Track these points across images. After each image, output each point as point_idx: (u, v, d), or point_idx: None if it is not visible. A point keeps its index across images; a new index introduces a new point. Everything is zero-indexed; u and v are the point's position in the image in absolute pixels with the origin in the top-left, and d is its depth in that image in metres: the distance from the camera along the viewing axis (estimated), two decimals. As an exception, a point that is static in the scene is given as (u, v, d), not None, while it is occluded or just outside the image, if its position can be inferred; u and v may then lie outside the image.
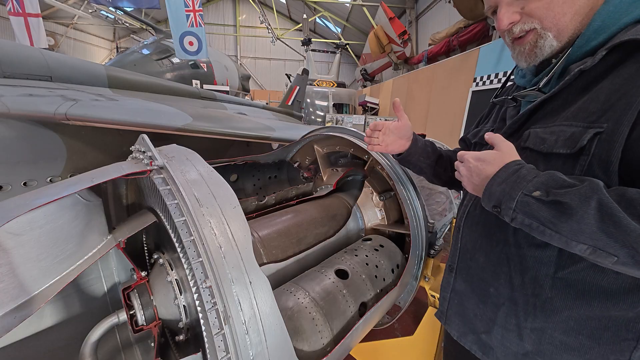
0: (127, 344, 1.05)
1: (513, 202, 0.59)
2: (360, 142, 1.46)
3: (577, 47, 0.64)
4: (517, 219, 0.60)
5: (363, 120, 9.07)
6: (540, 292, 0.68)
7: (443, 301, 0.94)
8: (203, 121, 2.28)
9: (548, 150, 0.63)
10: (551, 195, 0.55)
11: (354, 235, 1.59)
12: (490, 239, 0.76)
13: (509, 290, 0.73)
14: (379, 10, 10.23)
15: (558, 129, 0.62)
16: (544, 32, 0.65)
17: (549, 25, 0.64)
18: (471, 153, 0.71)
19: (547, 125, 0.66)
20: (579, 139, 0.58)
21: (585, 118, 0.59)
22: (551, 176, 0.57)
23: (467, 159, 0.70)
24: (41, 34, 5.51)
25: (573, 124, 0.60)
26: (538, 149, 0.65)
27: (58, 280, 0.68)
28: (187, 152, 0.86)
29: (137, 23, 10.93)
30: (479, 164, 0.67)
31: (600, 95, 0.58)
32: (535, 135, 0.67)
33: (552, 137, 0.63)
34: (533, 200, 0.57)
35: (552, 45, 0.65)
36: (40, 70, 2.34)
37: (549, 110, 0.68)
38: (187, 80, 7.05)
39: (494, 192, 0.63)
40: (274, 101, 10.83)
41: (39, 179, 1.97)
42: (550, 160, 0.63)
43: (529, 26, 0.66)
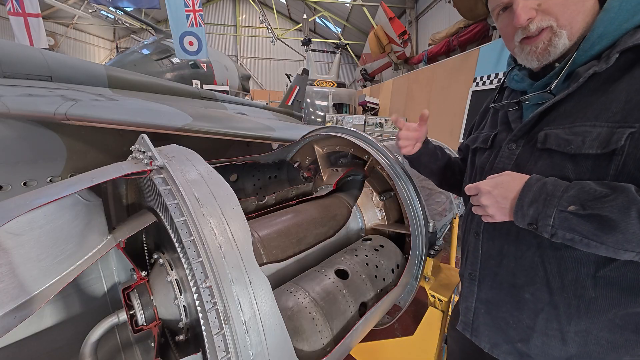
0: (127, 344, 1.05)
1: (550, 219, 0.59)
2: (360, 142, 1.46)
3: (582, 51, 0.65)
4: (557, 234, 0.59)
5: (363, 120, 9.07)
6: (583, 293, 0.66)
7: (467, 312, 0.89)
8: (203, 121, 2.27)
9: (576, 151, 0.62)
10: (588, 209, 0.55)
11: (354, 235, 1.59)
12: (519, 243, 0.74)
13: (547, 294, 0.70)
14: (379, 10, 10.22)
15: (581, 130, 0.62)
16: (560, 30, 0.65)
17: (565, 23, 0.65)
18: (484, 183, 0.70)
19: (565, 126, 0.66)
20: (609, 139, 0.58)
21: (609, 118, 0.59)
22: (581, 187, 0.58)
23: (484, 189, 0.69)
24: (41, 34, 5.51)
25: (597, 124, 0.61)
26: (564, 150, 0.64)
27: (58, 280, 0.68)
28: (187, 152, 0.86)
29: (137, 23, 10.93)
30: (500, 191, 0.67)
31: (620, 95, 0.59)
32: (557, 137, 0.66)
33: (577, 138, 0.62)
34: (571, 215, 0.57)
35: (565, 44, 0.66)
36: (40, 70, 2.33)
37: (562, 112, 0.68)
38: (187, 80, 7.05)
39: (526, 213, 0.62)
40: (274, 101, 10.82)
41: (39, 179, 1.97)
42: (580, 162, 0.63)
43: (546, 23, 0.66)
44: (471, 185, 0.73)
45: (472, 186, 0.72)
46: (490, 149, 0.86)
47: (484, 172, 0.84)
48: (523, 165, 0.73)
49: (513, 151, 0.77)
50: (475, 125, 1.04)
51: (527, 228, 0.64)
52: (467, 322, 0.90)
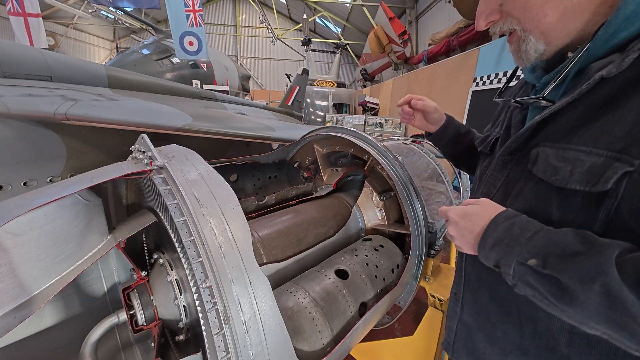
0: (127, 344, 1.05)
1: (510, 269, 0.51)
2: (360, 142, 1.46)
3: (600, 41, 0.49)
4: (518, 286, 0.51)
5: (363, 120, 9.07)
6: (555, 346, 0.56)
7: (449, 332, 0.85)
8: (203, 121, 2.28)
9: (562, 184, 0.50)
10: (548, 268, 0.45)
11: (354, 235, 1.59)
12: (495, 275, 0.63)
13: (518, 337, 0.63)
14: (379, 10, 10.22)
15: (573, 156, 0.50)
16: (525, 34, 0.56)
17: (529, 27, 0.54)
18: (453, 209, 0.63)
19: (560, 146, 0.53)
20: (601, 175, 0.45)
21: (609, 145, 0.46)
22: (550, 238, 0.47)
23: (452, 218, 0.62)
24: (41, 34, 5.51)
25: (593, 150, 0.47)
26: (549, 180, 0.53)
27: (58, 280, 0.68)
28: (187, 152, 0.86)
29: (137, 23, 10.93)
30: (466, 223, 0.59)
31: (628, 115, 0.45)
32: (545, 161, 0.54)
33: (566, 166, 0.50)
34: (530, 270, 0.47)
35: (539, 49, 0.55)
36: (40, 70, 2.34)
37: (562, 125, 0.55)
38: (187, 80, 7.05)
39: (488, 256, 0.55)
40: (274, 101, 10.82)
41: (39, 179, 1.97)
42: (565, 197, 0.51)
43: (508, 27, 0.57)
44: (442, 209, 0.66)
45: (442, 210, 0.66)
46: (490, 156, 0.76)
47: (480, 182, 0.77)
48: (512, 185, 0.63)
49: (506, 165, 0.66)
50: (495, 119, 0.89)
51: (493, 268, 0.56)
52: (449, 342, 0.86)
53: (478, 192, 0.76)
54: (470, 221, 0.59)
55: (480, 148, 0.83)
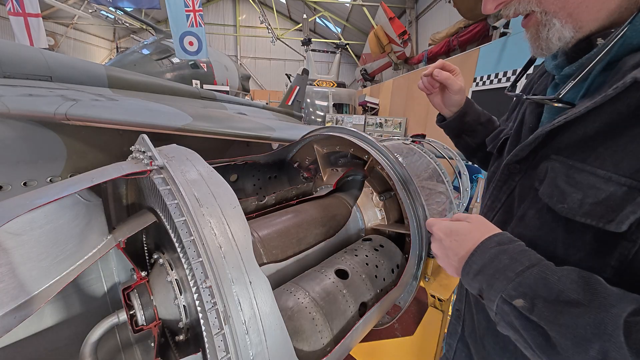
0: (127, 344, 1.05)
1: (493, 304, 0.43)
2: (360, 142, 1.46)
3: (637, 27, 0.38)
4: (500, 325, 0.44)
5: (363, 120, 9.07)
6: None
7: (449, 348, 0.79)
8: (203, 121, 2.28)
9: (569, 214, 0.41)
10: (535, 314, 0.37)
11: (354, 235, 1.59)
12: None
13: None
14: (379, 10, 10.23)
15: (587, 181, 0.40)
16: (546, 18, 0.44)
17: (552, 8, 0.43)
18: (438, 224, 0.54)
19: (573, 164, 0.42)
20: (619, 211, 0.35)
21: (636, 172, 0.35)
22: (545, 277, 0.38)
23: (437, 234, 0.53)
24: (41, 34, 5.51)
25: (613, 177, 0.37)
26: (555, 207, 0.43)
27: (58, 280, 0.68)
28: (187, 152, 0.86)
29: (137, 23, 10.93)
30: (451, 243, 0.50)
31: None
32: (553, 182, 0.44)
33: (576, 193, 0.40)
34: (516, 312, 0.39)
35: (565, 37, 0.44)
36: (40, 70, 2.34)
37: (580, 135, 0.43)
38: (187, 80, 7.05)
39: (471, 285, 0.47)
40: (274, 101, 10.83)
41: (39, 179, 1.98)
42: (574, 232, 0.41)
43: (524, 8, 0.46)
44: (428, 222, 0.58)
45: (428, 222, 0.57)
46: (499, 160, 0.66)
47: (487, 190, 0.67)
48: (517, 204, 0.54)
49: (513, 176, 0.56)
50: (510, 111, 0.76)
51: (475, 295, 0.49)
52: (448, 358, 0.82)
53: (484, 201, 0.68)
54: (457, 241, 0.50)
55: (489, 148, 0.73)
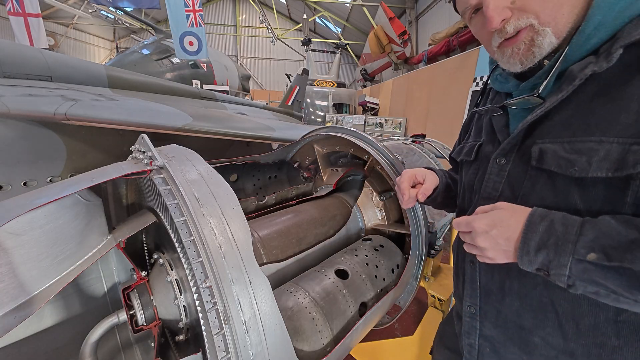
0: (127, 344, 1.05)
1: (565, 269, 0.48)
2: (360, 142, 1.46)
3: (576, 45, 0.55)
4: (576, 286, 0.49)
5: (363, 120, 9.07)
6: (605, 341, 0.55)
7: (470, 349, 0.79)
8: (203, 121, 2.28)
9: (582, 174, 0.51)
10: (614, 260, 0.44)
11: (354, 235, 1.59)
12: (523, 280, 0.63)
13: (560, 340, 0.60)
14: (379, 10, 10.23)
15: (585, 147, 0.51)
16: (542, 28, 0.55)
17: (547, 19, 0.54)
18: (478, 219, 0.58)
19: (565, 140, 0.55)
20: (623, 159, 0.47)
21: (620, 132, 0.49)
22: (600, 229, 0.47)
23: (480, 228, 0.57)
24: (41, 34, 5.51)
25: (604, 139, 0.50)
26: (567, 173, 0.53)
27: (58, 280, 0.68)
28: (187, 152, 0.86)
29: (137, 23, 10.94)
30: (499, 231, 0.55)
31: (630, 104, 0.49)
32: (555, 155, 0.55)
33: (580, 157, 0.51)
34: (591, 266, 0.46)
35: (552, 42, 0.56)
36: (40, 70, 2.34)
37: (557, 122, 0.58)
38: (187, 80, 7.05)
39: (534, 260, 0.52)
40: (274, 101, 10.82)
41: (39, 179, 1.98)
42: (587, 187, 0.52)
43: (524, 22, 0.56)
44: (461, 220, 0.61)
45: (462, 221, 0.60)
46: (477, 162, 0.76)
47: (473, 190, 0.76)
48: (517, 185, 0.63)
49: (503, 167, 0.67)
50: (461, 135, 0.94)
51: (536, 273, 0.54)
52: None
53: (474, 200, 0.74)
54: (503, 227, 0.55)
55: (460, 157, 0.82)
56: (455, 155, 0.88)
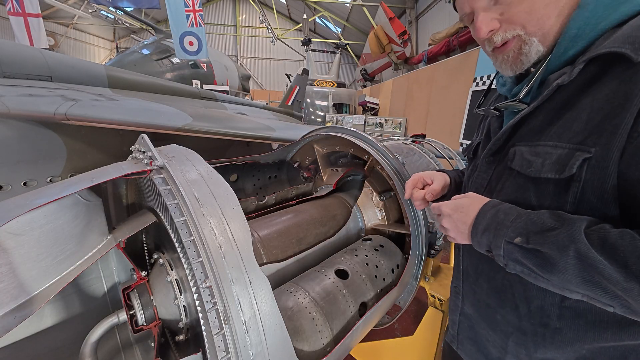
0: (127, 344, 1.05)
1: (500, 250, 0.58)
2: (360, 142, 1.46)
3: (555, 56, 0.59)
4: (509, 265, 0.58)
5: (363, 120, 9.07)
6: (548, 322, 0.63)
7: (453, 324, 0.91)
8: (203, 121, 2.28)
9: (536, 174, 0.59)
10: (531, 243, 0.53)
11: (354, 235, 1.59)
12: (490, 264, 0.72)
13: (516, 318, 0.69)
14: (379, 10, 10.23)
15: (543, 150, 0.58)
16: (529, 37, 0.59)
17: (533, 30, 0.58)
18: (445, 204, 0.70)
19: (532, 144, 0.62)
20: (567, 164, 0.54)
21: (570, 139, 0.55)
22: (530, 218, 0.55)
23: (445, 211, 0.69)
24: (41, 34, 5.51)
25: (557, 144, 0.56)
26: (525, 172, 0.61)
27: (58, 280, 0.68)
28: (187, 152, 0.86)
29: (137, 23, 10.94)
30: (459, 215, 0.66)
31: (582, 113, 0.54)
32: (521, 156, 0.62)
33: (537, 159, 0.58)
34: (516, 248, 0.55)
35: (539, 51, 0.60)
36: (40, 70, 2.34)
37: (532, 126, 0.63)
38: (187, 80, 7.05)
39: (481, 241, 0.62)
40: (274, 101, 10.83)
41: (39, 179, 1.97)
42: (540, 185, 0.59)
43: (511, 34, 0.60)
44: (434, 205, 0.72)
45: (435, 206, 0.71)
46: (474, 160, 0.83)
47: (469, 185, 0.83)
48: (495, 183, 0.71)
49: (490, 165, 0.74)
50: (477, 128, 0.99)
51: (485, 254, 0.63)
52: (453, 335, 0.91)
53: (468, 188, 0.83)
54: (462, 212, 0.66)
55: (465, 154, 0.91)
56: (464, 151, 0.99)
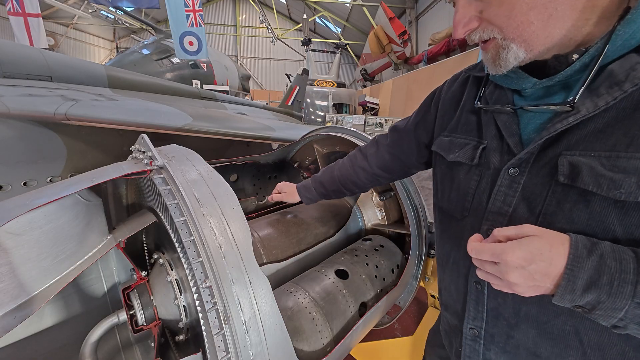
0: (127, 344, 1.05)
1: (620, 313, 0.43)
2: (360, 142, 1.46)
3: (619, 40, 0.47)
4: (626, 328, 0.45)
5: (363, 120, 9.07)
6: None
7: None
8: (203, 121, 2.28)
9: (629, 197, 0.45)
10: None
11: (354, 235, 1.59)
12: (545, 307, 0.56)
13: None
14: (379, 10, 10.24)
15: (631, 165, 0.45)
16: (506, 42, 0.53)
17: (512, 35, 0.52)
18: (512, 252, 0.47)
19: (600, 155, 0.48)
20: None
21: None
22: None
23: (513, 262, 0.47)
24: (41, 34, 5.51)
25: None
26: (609, 195, 0.46)
27: (58, 280, 0.68)
28: (187, 152, 0.86)
29: (137, 23, 10.93)
30: (538, 266, 0.46)
31: None
32: (592, 172, 0.48)
33: (628, 178, 0.45)
34: None
35: (519, 57, 0.53)
36: (40, 70, 2.34)
37: (590, 131, 0.50)
38: (187, 80, 7.06)
39: (578, 299, 0.46)
40: (274, 101, 10.84)
41: (39, 179, 1.97)
42: (630, 211, 0.46)
43: (488, 35, 0.54)
44: (483, 249, 0.51)
45: (485, 250, 0.50)
46: (479, 168, 0.66)
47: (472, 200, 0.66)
48: (536, 202, 0.55)
49: (515, 179, 0.58)
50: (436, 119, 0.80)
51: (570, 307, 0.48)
52: None
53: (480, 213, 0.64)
54: (543, 262, 0.46)
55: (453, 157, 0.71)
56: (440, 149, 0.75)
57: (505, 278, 0.49)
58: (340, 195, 1.13)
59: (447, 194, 0.74)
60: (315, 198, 1.16)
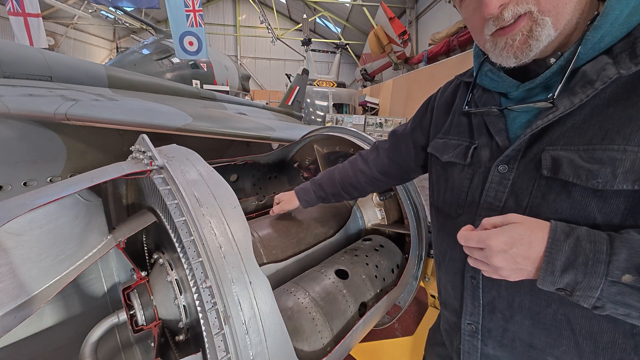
0: (127, 344, 1.05)
1: (596, 292, 0.45)
2: (360, 142, 1.46)
3: (590, 43, 0.51)
4: (604, 307, 0.46)
5: (363, 120, 9.08)
6: (623, 357, 0.53)
7: None
8: (203, 121, 2.27)
9: (606, 186, 0.48)
10: None
11: (354, 235, 1.59)
12: (536, 297, 0.59)
13: (576, 358, 0.57)
14: (379, 10, 10.25)
15: (607, 156, 0.48)
16: (541, 17, 0.50)
17: (548, 7, 0.50)
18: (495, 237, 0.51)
19: (579, 148, 0.51)
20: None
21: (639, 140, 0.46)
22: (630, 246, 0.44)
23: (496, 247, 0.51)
24: (41, 34, 5.52)
25: (627, 148, 0.46)
26: (588, 184, 0.49)
27: (58, 280, 0.68)
28: (187, 152, 0.86)
29: (137, 23, 10.94)
30: (519, 250, 0.50)
31: None
32: (572, 164, 0.51)
33: (603, 168, 0.48)
34: (627, 289, 0.44)
35: (550, 35, 0.51)
36: (40, 70, 2.34)
37: (569, 127, 0.53)
38: (187, 80, 7.06)
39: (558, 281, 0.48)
40: (274, 101, 10.84)
41: (39, 179, 1.97)
42: (607, 199, 0.49)
43: (523, 8, 0.51)
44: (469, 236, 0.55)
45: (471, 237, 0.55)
46: (472, 167, 0.69)
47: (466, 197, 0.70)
48: (524, 196, 0.59)
49: (505, 175, 0.61)
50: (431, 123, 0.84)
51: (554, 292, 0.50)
52: None
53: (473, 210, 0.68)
54: (523, 246, 0.50)
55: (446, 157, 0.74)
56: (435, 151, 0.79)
57: (490, 262, 0.52)
58: (338, 199, 1.13)
59: (443, 193, 0.77)
60: (313, 202, 1.17)
